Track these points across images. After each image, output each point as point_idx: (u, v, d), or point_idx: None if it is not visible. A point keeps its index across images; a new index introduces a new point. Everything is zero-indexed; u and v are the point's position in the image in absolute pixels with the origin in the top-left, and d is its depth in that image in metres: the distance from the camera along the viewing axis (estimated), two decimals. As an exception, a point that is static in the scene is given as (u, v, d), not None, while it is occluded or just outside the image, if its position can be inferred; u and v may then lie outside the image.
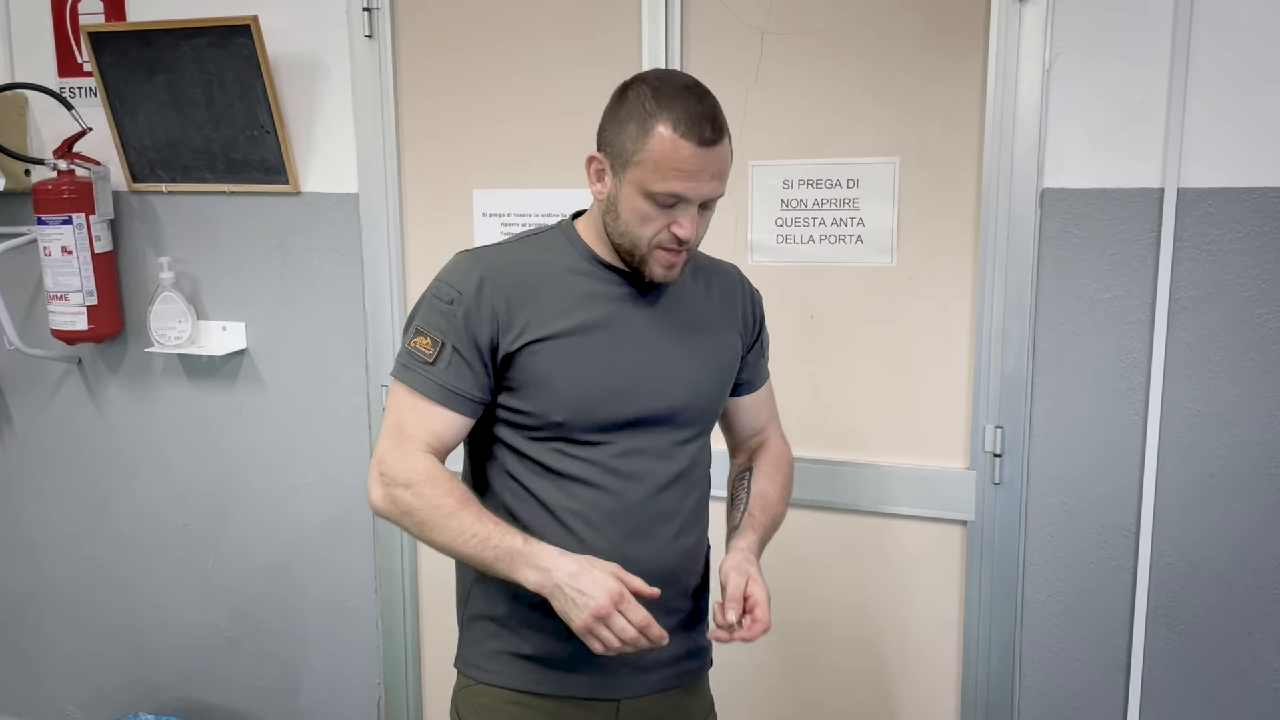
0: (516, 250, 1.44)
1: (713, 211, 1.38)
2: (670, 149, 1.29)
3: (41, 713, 2.83)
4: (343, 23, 2.21)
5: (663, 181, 1.30)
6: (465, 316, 1.35)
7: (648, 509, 1.41)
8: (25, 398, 2.65)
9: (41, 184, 2.35)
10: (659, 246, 1.34)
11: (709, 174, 1.31)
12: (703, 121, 1.30)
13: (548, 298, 1.38)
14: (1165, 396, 1.82)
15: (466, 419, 1.39)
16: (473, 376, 1.37)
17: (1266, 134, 1.72)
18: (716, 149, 1.31)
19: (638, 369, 1.41)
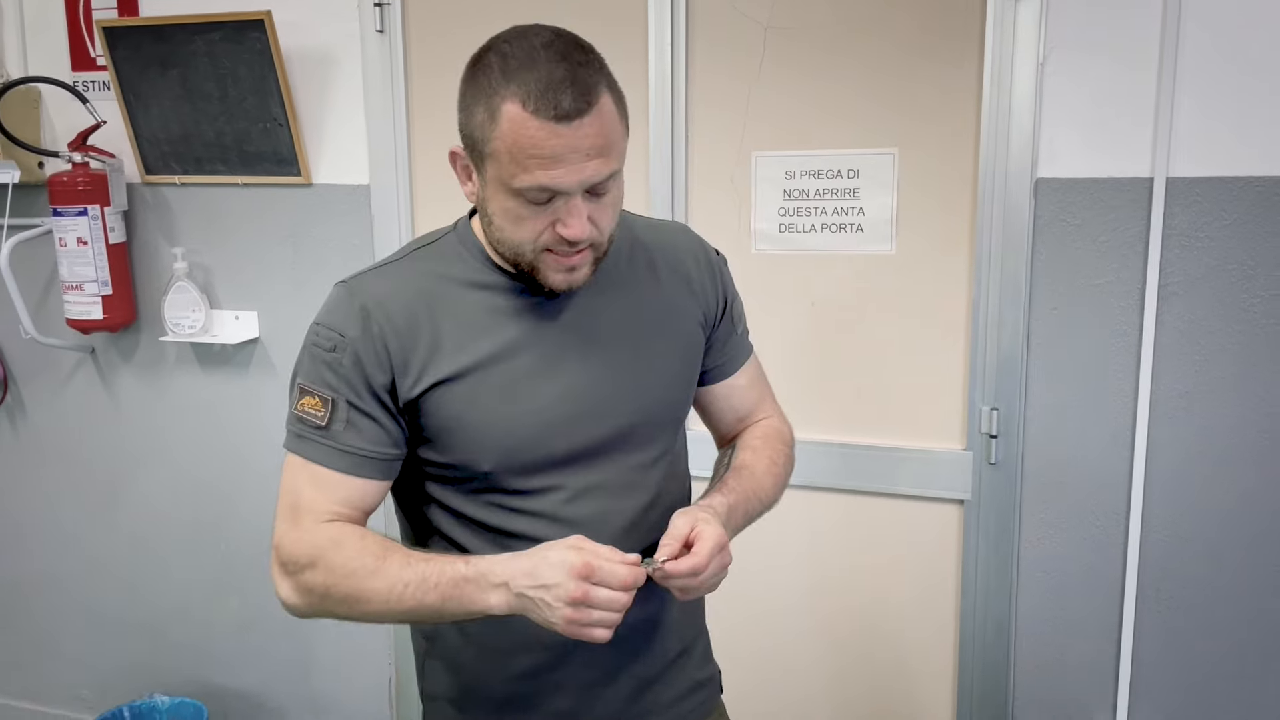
0: (403, 269, 1.19)
1: (617, 193, 1.11)
2: (521, 131, 1.02)
3: (55, 698, 2.88)
4: (354, 17, 2.25)
5: (523, 174, 1.03)
6: (354, 364, 1.12)
7: None
8: (39, 386, 2.70)
9: (57, 176, 2.39)
10: (547, 249, 1.09)
11: (581, 154, 1.03)
12: (559, 88, 1.01)
13: (446, 325, 1.14)
14: (1155, 378, 1.89)
15: (379, 482, 1.16)
16: (378, 431, 1.14)
17: (1252, 126, 1.78)
18: (584, 120, 1.02)
19: (572, 392, 1.16)
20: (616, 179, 1.10)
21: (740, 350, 1.35)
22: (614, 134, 1.06)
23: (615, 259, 1.20)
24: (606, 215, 1.10)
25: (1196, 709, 1.96)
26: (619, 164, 1.08)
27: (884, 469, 2.08)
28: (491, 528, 1.17)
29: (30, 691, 2.90)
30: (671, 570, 1.07)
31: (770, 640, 2.21)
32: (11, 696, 2.92)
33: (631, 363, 1.20)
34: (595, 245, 1.11)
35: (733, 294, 1.33)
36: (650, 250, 1.26)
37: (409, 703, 2.52)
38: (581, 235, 1.06)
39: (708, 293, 1.28)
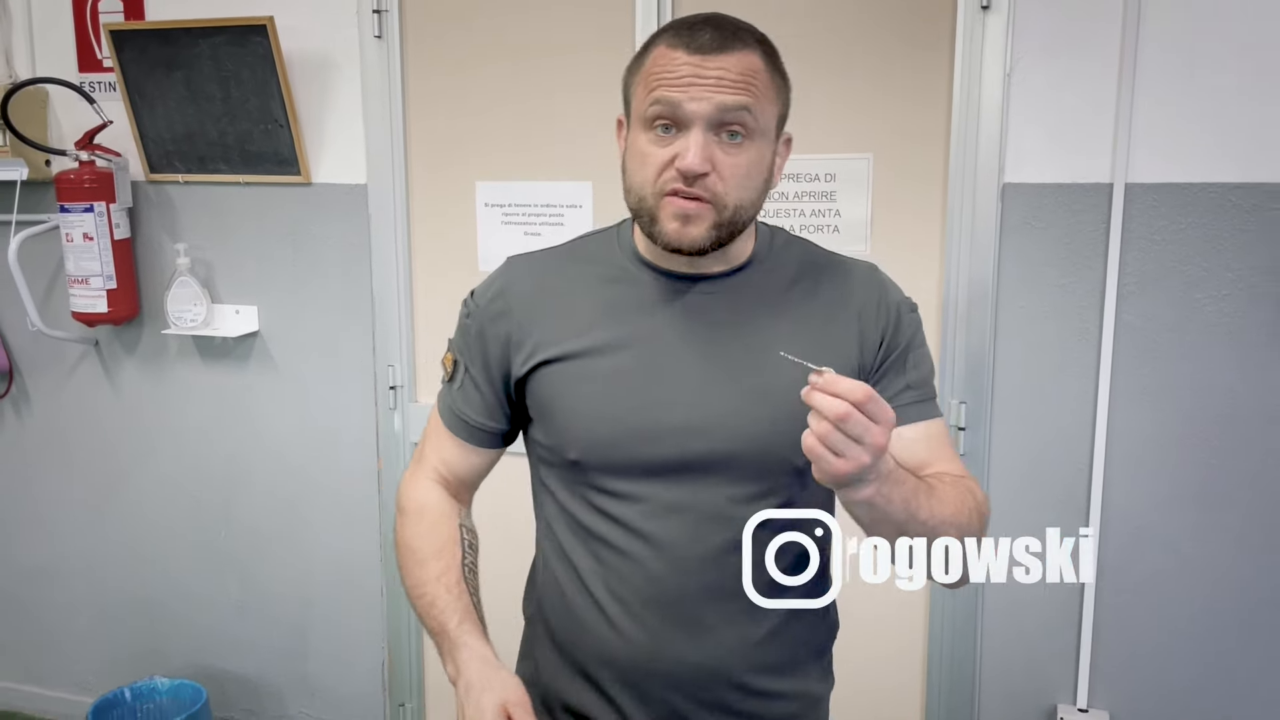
0: (559, 254, 1.23)
1: (754, 159, 1.07)
2: (658, 60, 1.06)
3: (58, 681, 2.95)
4: (354, 23, 2.34)
5: (650, 94, 1.05)
6: (478, 334, 1.21)
7: (689, 587, 1.13)
8: (44, 378, 2.78)
9: (64, 174, 2.47)
10: (665, 193, 1.06)
11: (709, 83, 1.03)
12: (700, 28, 1.05)
13: (570, 311, 1.16)
14: (1114, 374, 1.98)
15: (478, 449, 1.25)
16: (482, 401, 1.22)
17: (1207, 135, 1.88)
18: (719, 57, 1.03)
19: (674, 400, 1.11)
20: (755, 142, 1.06)
21: (912, 404, 1.18)
22: (753, 82, 1.05)
23: (770, 277, 1.16)
24: (735, 171, 1.05)
25: (1153, 693, 2.06)
26: (755, 116, 1.05)
27: (858, 460, 2.17)
28: (583, 526, 1.16)
29: (32, 675, 2.98)
30: (827, 381, 0.90)
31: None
32: (13, 680, 2.99)
33: (750, 386, 1.11)
34: (717, 202, 1.05)
35: (911, 344, 1.19)
36: (819, 274, 1.19)
37: (401, 684, 2.61)
38: (698, 165, 1.02)
39: (870, 334, 1.16)
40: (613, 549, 1.14)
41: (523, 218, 2.32)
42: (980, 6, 1.94)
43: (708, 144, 1.04)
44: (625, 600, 1.14)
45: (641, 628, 1.14)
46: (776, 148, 1.14)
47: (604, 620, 1.15)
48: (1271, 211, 1.86)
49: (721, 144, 1.05)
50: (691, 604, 1.13)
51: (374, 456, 2.52)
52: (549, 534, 1.22)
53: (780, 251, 1.20)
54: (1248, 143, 1.86)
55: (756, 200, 1.10)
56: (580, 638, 1.19)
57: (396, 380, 2.46)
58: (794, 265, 1.19)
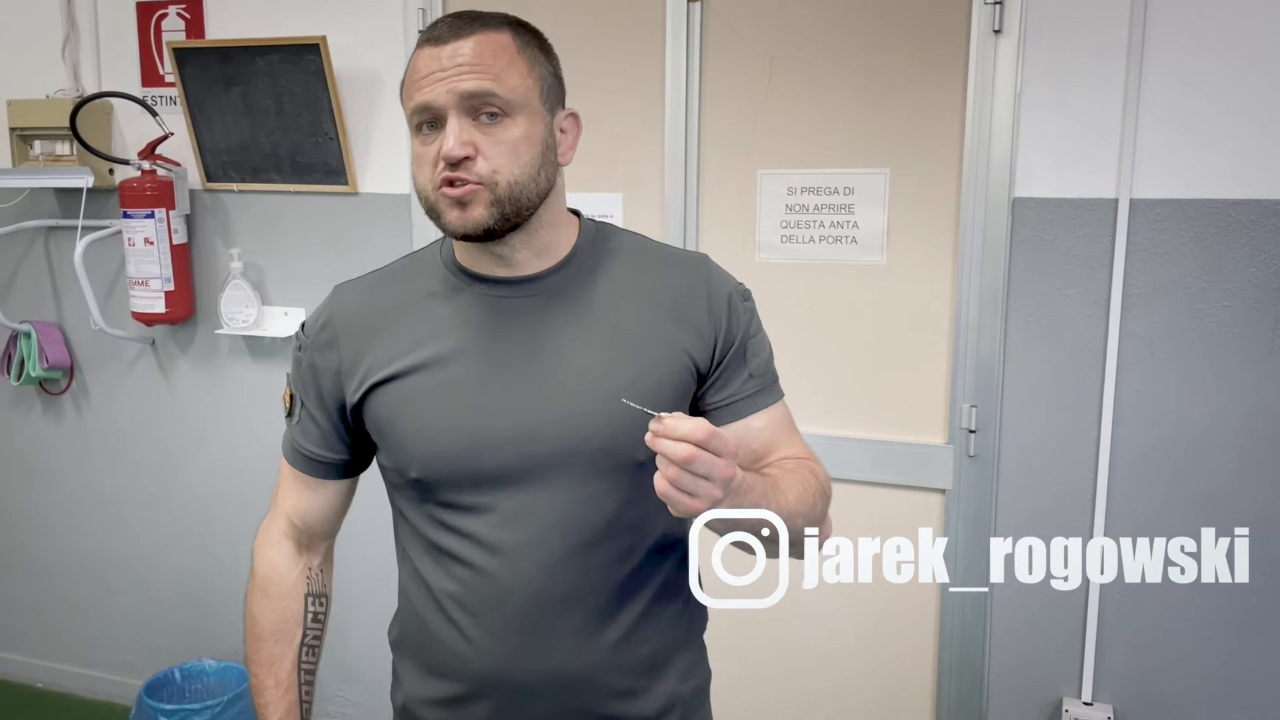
0: (383, 275, 1.23)
1: (517, 134, 1.07)
2: (411, 64, 1.08)
3: (106, 663, 3.11)
4: (400, 42, 2.48)
5: (409, 101, 1.07)
6: (310, 366, 1.19)
7: (541, 594, 1.11)
8: (103, 374, 2.93)
9: (127, 182, 2.63)
10: (439, 186, 1.06)
11: (451, 71, 1.04)
12: (440, 21, 1.08)
13: (396, 330, 1.15)
14: (1118, 380, 2.07)
15: (322, 483, 1.25)
16: (319, 433, 1.21)
17: (1208, 153, 1.97)
18: (458, 43, 1.05)
19: (507, 406, 1.10)
20: (516, 118, 1.07)
21: (757, 392, 1.19)
22: (497, 60, 1.06)
23: (592, 273, 1.15)
24: (500, 151, 1.05)
25: (1157, 687, 2.14)
26: (503, 90, 1.05)
27: (873, 460, 2.27)
28: (433, 544, 1.16)
29: (84, 658, 3.13)
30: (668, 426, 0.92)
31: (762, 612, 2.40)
32: (67, 662, 3.15)
33: (582, 384, 1.10)
34: (488, 181, 1.05)
35: (747, 333, 1.19)
36: (644, 274, 1.17)
37: (435, 671, 2.72)
38: (453, 151, 1.03)
39: (704, 325, 1.15)
40: (462, 563, 1.13)
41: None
42: (992, 30, 2.04)
43: (464, 129, 1.04)
44: (477, 613, 1.13)
45: (495, 639, 1.12)
46: (555, 122, 1.13)
47: (459, 635, 1.14)
48: (1270, 226, 1.95)
49: (480, 125, 1.05)
50: (542, 611, 1.11)
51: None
52: (404, 557, 1.23)
53: (603, 245, 1.18)
54: (1248, 160, 1.95)
55: (535, 175, 1.08)
56: (439, 656, 1.19)
57: (435, 380, 2.59)
58: (618, 259, 1.17)
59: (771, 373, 1.23)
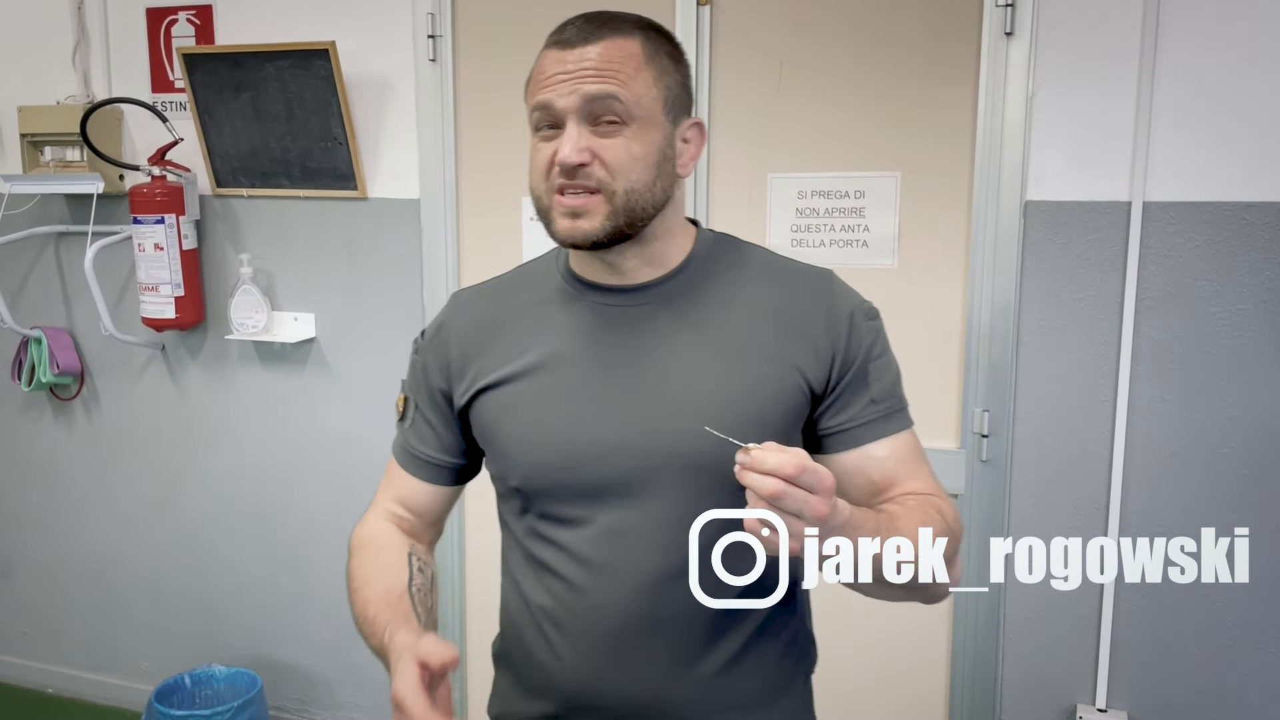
0: (500, 283, 1.22)
1: (636, 142, 1.04)
2: (537, 64, 1.09)
3: (116, 668, 3.11)
4: (410, 47, 2.48)
5: (530, 101, 1.08)
6: (423, 369, 1.20)
7: (633, 617, 1.06)
8: (114, 379, 2.94)
9: (137, 188, 2.64)
10: (555, 190, 1.05)
11: (576, 75, 1.03)
12: (571, 23, 1.07)
13: (505, 336, 1.14)
14: (1132, 384, 2.06)
15: (432, 486, 1.22)
16: (434, 436, 1.20)
17: (1221, 155, 1.96)
18: (586, 48, 1.04)
19: (609, 417, 1.07)
20: (636, 126, 1.04)
21: (879, 418, 1.12)
22: (624, 67, 1.04)
23: (706, 283, 1.12)
24: (616, 156, 1.03)
25: (1171, 694, 2.13)
26: (627, 101, 1.03)
27: (885, 465, 2.26)
28: (531, 556, 1.13)
29: (94, 663, 3.13)
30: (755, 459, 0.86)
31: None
32: (77, 668, 3.15)
33: (688, 398, 1.06)
34: (605, 189, 1.03)
35: (870, 354, 1.12)
36: (763, 287, 1.13)
37: (445, 677, 2.72)
38: (569, 156, 1.02)
39: (821, 343, 1.09)
40: (557, 577, 1.09)
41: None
42: (1004, 33, 2.04)
43: (583, 134, 1.03)
44: (566, 628, 1.09)
45: (585, 660, 1.09)
46: (677, 132, 1.09)
47: (551, 652, 1.11)
48: (1284, 229, 1.94)
49: (599, 132, 1.03)
50: (634, 635, 1.07)
51: (422, 457, 2.65)
52: (506, 569, 1.20)
53: (720, 256, 1.15)
54: (1261, 163, 1.93)
55: (653, 185, 1.05)
56: (531, 672, 1.16)
57: (445, 385, 2.59)
58: (736, 270, 1.13)
59: (898, 398, 1.14)
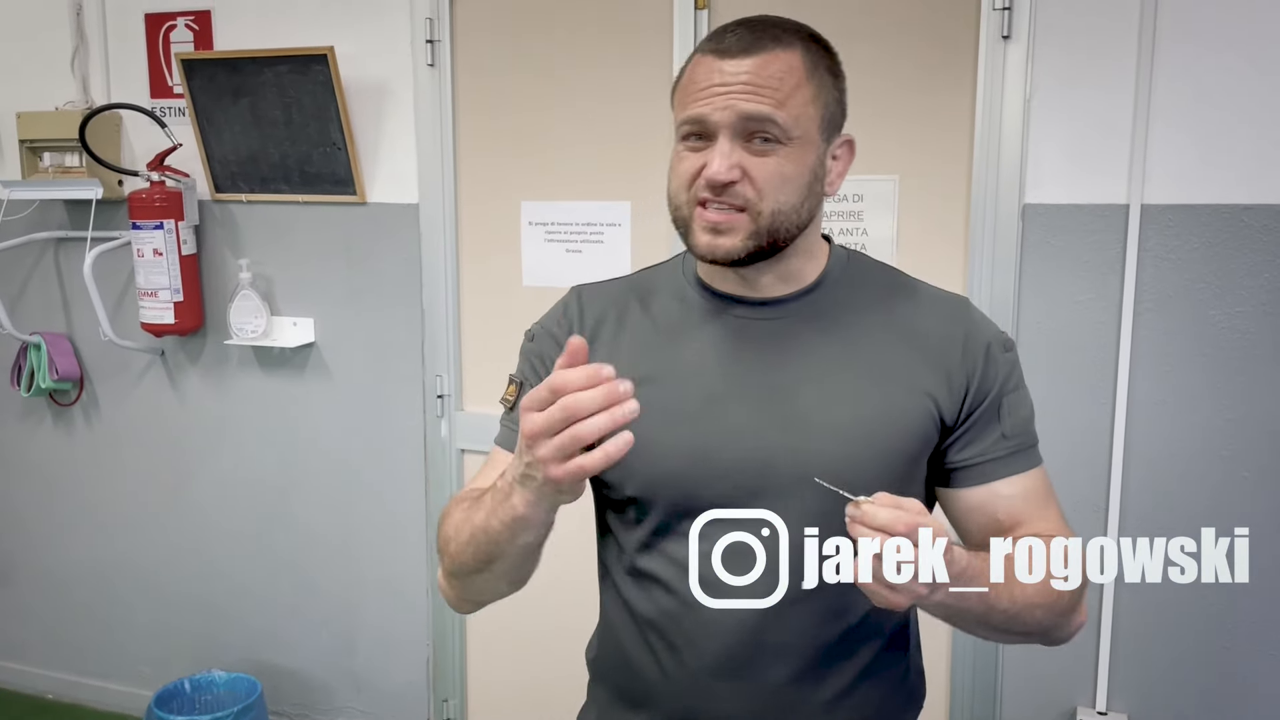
0: (622, 284, 1.17)
1: (789, 163, 1.00)
2: (693, 68, 1.02)
3: (117, 673, 3.11)
4: (408, 53, 2.48)
5: (682, 110, 1.02)
6: (540, 356, 1.13)
7: (745, 638, 1.04)
8: (113, 385, 2.94)
9: (136, 193, 2.64)
10: (696, 204, 1.01)
11: (733, 89, 0.98)
12: (730, 29, 1.01)
13: (635, 339, 1.10)
14: (1131, 386, 2.06)
15: None
16: None
17: (1218, 158, 1.96)
18: (745, 59, 0.98)
19: (738, 429, 1.03)
20: (790, 146, 1.00)
21: (1009, 454, 1.09)
22: (783, 84, 0.99)
23: (840, 303, 1.09)
24: (767, 176, 0.99)
25: (1171, 696, 2.13)
26: (783, 119, 0.98)
27: (884, 468, 2.26)
28: (638, 567, 1.08)
29: (94, 669, 3.13)
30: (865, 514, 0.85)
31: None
32: (78, 673, 3.15)
33: (817, 418, 1.03)
34: (751, 209, 1.00)
35: (1005, 387, 1.09)
36: (897, 310, 1.10)
37: (445, 681, 2.73)
38: (723, 173, 0.98)
39: (955, 373, 1.06)
40: (667, 590, 1.06)
41: (565, 235, 2.44)
42: (1001, 36, 2.04)
43: (735, 150, 0.99)
44: (672, 641, 1.06)
45: (692, 678, 1.06)
46: (828, 150, 1.05)
47: (655, 665, 1.08)
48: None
49: (752, 149, 0.99)
50: (744, 656, 1.04)
51: (421, 462, 2.65)
52: (606, 576, 1.16)
53: (855, 275, 1.12)
54: (1258, 166, 1.94)
55: (800, 206, 1.02)
56: (632, 684, 1.13)
57: (444, 390, 2.59)
58: (870, 291, 1.10)
59: (1030, 434, 1.12)
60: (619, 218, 2.40)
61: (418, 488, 2.67)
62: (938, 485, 1.12)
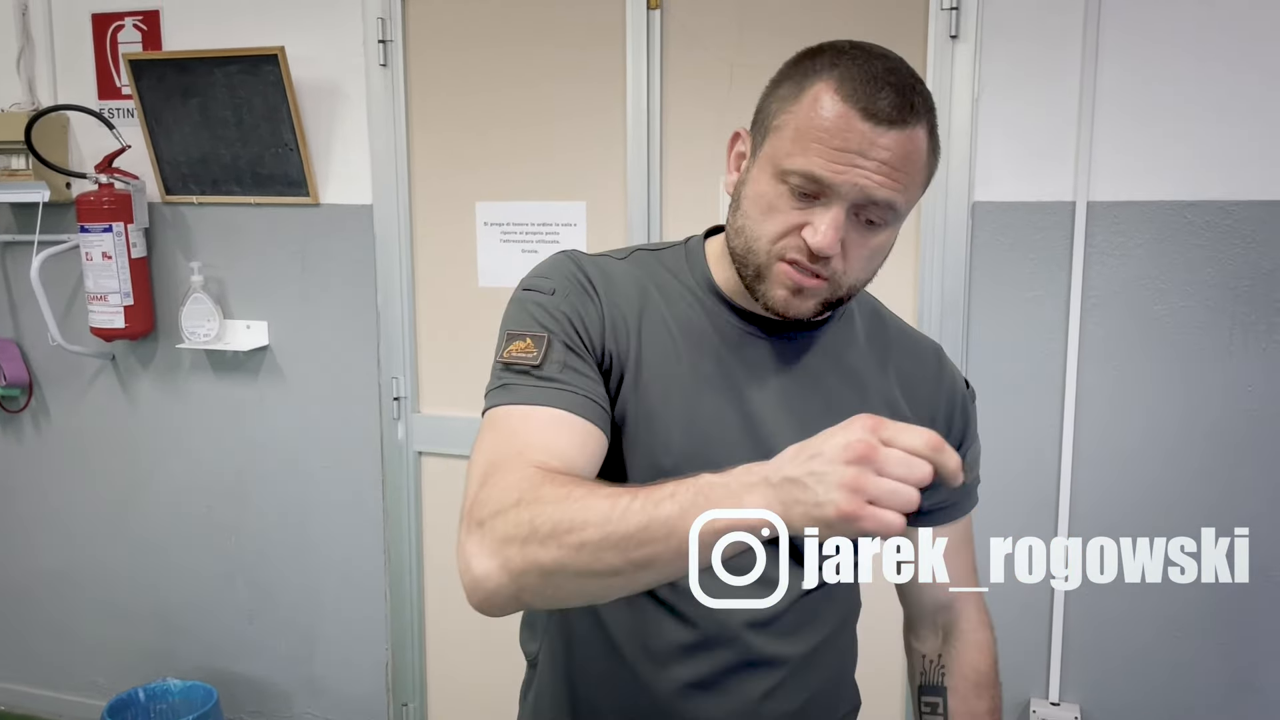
0: (634, 264, 1.09)
1: (884, 243, 0.97)
2: (820, 110, 0.91)
3: (69, 684, 3.05)
4: (360, 53, 2.47)
5: (800, 156, 0.91)
6: (571, 309, 1.01)
7: (729, 651, 1.04)
8: (63, 391, 2.89)
9: (84, 196, 2.60)
10: (782, 258, 0.95)
11: (872, 161, 0.90)
12: (880, 86, 0.90)
13: (650, 329, 1.03)
14: (1079, 381, 2.09)
15: (596, 432, 0.96)
16: (591, 377, 0.99)
17: (1162, 156, 1.99)
18: (891, 131, 0.90)
19: (738, 448, 1.00)
20: (891, 226, 0.96)
21: (962, 502, 1.15)
22: (913, 167, 0.92)
23: (843, 336, 1.07)
24: (862, 256, 0.95)
25: (1122, 686, 2.16)
26: (902, 205, 0.94)
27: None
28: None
29: (46, 678, 3.08)
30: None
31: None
32: (29, 684, 3.10)
33: None
34: (834, 282, 0.95)
35: (966, 438, 1.13)
36: (890, 347, 1.10)
37: (404, 685, 2.71)
38: (828, 248, 0.91)
39: (939, 425, 1.08)
40: (651, 599, 1.02)
41: (520, 236, 2.44)
42: (949, 36, 2.06)
43: (845, 225, 0.92)
44: (655, 654, 1.04)
45: (666, 679, 1.04)
46: None
47: (625, 669, 1.05)
48: (1224, 227, 1.97)
49: (858, 224, 0.93)
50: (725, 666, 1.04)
51: (378, 465, 2.63)
52: None
53: (858, 309, 1.11)
54: (1200, 163, 1.97)
55: (871, 278, 1.01)
56: (599, 691, 1.09)
57: (400, 392, 2.58)
58: (865, 324, 1.10)
59: (977, 479, 1.17)
60: (575, 218, 2.39)
61: (375, 491, 2.65)
62: None
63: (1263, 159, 1.94)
